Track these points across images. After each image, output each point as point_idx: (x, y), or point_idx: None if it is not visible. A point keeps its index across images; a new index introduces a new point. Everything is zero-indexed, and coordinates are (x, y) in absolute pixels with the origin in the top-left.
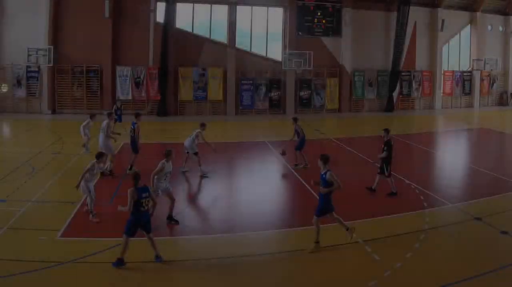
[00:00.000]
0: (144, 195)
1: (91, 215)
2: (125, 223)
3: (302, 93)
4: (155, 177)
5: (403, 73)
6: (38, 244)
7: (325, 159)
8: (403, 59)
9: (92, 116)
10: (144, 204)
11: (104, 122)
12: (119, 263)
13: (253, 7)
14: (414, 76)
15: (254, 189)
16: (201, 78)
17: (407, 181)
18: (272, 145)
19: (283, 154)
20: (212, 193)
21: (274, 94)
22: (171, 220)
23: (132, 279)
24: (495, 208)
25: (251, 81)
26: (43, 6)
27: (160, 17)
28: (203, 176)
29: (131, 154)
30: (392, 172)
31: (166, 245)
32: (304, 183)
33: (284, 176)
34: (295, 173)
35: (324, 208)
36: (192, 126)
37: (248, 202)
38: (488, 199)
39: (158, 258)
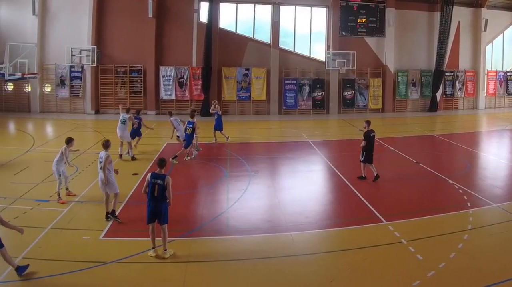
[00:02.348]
0: (153, 180)
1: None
2: (171, 223)
3: (345, 93)
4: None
5: (446, 73)
6: (82, 244)
7: None
8: (446, 59)
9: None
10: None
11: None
12: None
13: (297, 7)
14: (457, 76)
15: (297, 189)
16: (245, 78)
17: (450, 181)
18: (315, 144)
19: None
20: (256, 192)
21: (317, 94)
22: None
23: (175, 279)
24: None
25: (294, 81)
26: (87, 6)
27: (203, 17)
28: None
29: (183, 149)
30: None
31: (210, 245)
32: (348, 183)
33: (328, 176)
34: (339, 173)
35: None
36: (235, 126)
37: (291, 201)
38: None
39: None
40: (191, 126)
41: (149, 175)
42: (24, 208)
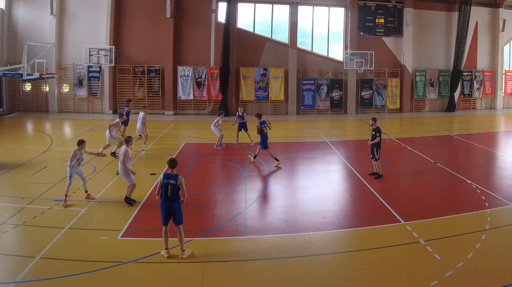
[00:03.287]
0: (165, 181)
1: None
2: (189, 223)
3: (363, 93)
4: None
5: (464, 73)
6: (100, 244)
7: None
8: (464, 59)
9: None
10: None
11: (141, 114)
12: None
13: (314, 7)
14: (475, 76)
15: (315, 188)
16: (263, 78)
17: (468, 181)
18: (333, 144)
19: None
20: (274, 192)
21: (335, 94)
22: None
23: (193, 279)
24: None
25: (312, 81)
26: (105, 6)
27: (221, 17)
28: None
29: (259, 149)
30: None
31: (228, 245)
32: (366, 184)
33: (345, 176)
34: (356, 173)
35: None
36: (253, 127)
37: (309, 201)
38: None
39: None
40: (265, 125)
41: (160, 176)
42: (42, 208)
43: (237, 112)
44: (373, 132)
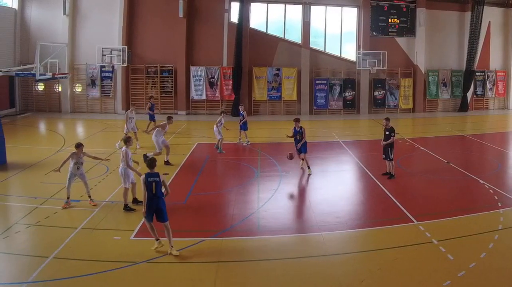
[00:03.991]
0: (150, 179)
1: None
2: (202, 223)
3: (376, 93)
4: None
5: (477, 73)
6: (113, 244)
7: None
8: (477, 59)
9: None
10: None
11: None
12: None
13: (327, 7)
14: (488, 76)
15: (328, 188)
16: (275, 78)
17: (481, 181)
18: (346, 144)
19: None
20: (286, 192)
21: (348, 94)
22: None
23: (206, 279)
24: None
25: (325, 81)
26: (117, 6)
27: (234, 17)
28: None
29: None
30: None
31: (241, 245)
32: (379, 184)
33: (358, 176)
34: (369, 173)
35: None
36: (266, 126)
37: (322, 201)
38: None
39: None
40: (300, 131)
41: (143, 176)
42: (55, 208)
43: (239, 111)
44: (387, 132)
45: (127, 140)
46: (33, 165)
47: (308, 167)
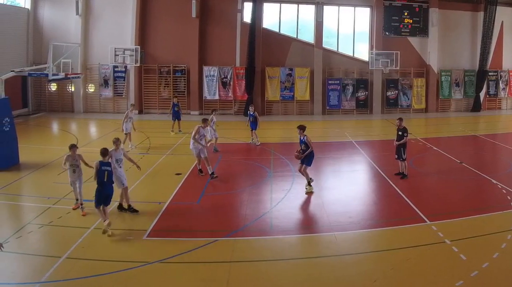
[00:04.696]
0: (103, 168)
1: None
2: (215, 223)
3: (389, 93)
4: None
5: (490, 73)
6: (125, 244)
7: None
8: (490, 59)
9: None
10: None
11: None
12: None
13: (340, 7)
14: (501, 76)
15: (341, 188)
16: (288, 78)
17: (494, 181)
18: (359, 144)
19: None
20: (299, 192)
21: (361, 94)
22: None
23: (219, 279)
24: None
25: (338, 81)
26: (130, 6)
27: (247, 17)
28: None
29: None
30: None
31: (253, 245)
32: (392, 183)
33: (371, 176)
34: (382, 173)
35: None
36: (279, 126)
37: (335, 201)
38: None
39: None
40: (304, 140)
41: (97, 163)
42: (67, 208)
43: (248, 111)
44: (400, 133)
45: (114, 142)
46: (46, 165)
47: (308, 183)
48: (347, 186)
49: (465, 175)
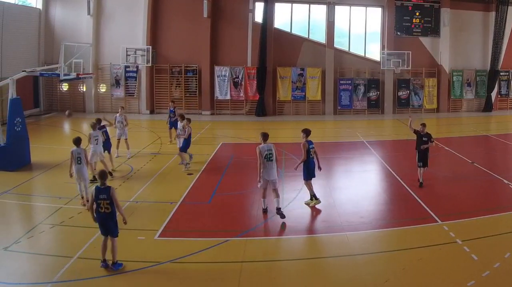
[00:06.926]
0: (101, 197)
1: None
2: (226, 223)
3: (400, 93)
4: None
5: (501, 73)
6: (137, 244)
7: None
8: (501, 59)
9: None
10: (100, 206)
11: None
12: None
13: (352, 7)
14: None
15: (352, 188)
16: (300, 78)
17: (505, 181)
18: (370, 144)
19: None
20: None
21: (372, 94)
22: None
23: (230, 279)
24: None
25: (349, 81)
26: (142, 6)
27: (258, 17)
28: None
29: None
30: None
31: (265, 245)
32: (403, 184)
33: (383, 176)
34: (394, 173)
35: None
36: (290, 126)
37: (346, 201)
38: None
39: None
40: (313, 146)
41: (93, 189)
42: (79, 208)
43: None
44: (425, 138)
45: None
46: (57, 165)
47: (311, 197)
48: (359, 186)
49: (476, 175)
